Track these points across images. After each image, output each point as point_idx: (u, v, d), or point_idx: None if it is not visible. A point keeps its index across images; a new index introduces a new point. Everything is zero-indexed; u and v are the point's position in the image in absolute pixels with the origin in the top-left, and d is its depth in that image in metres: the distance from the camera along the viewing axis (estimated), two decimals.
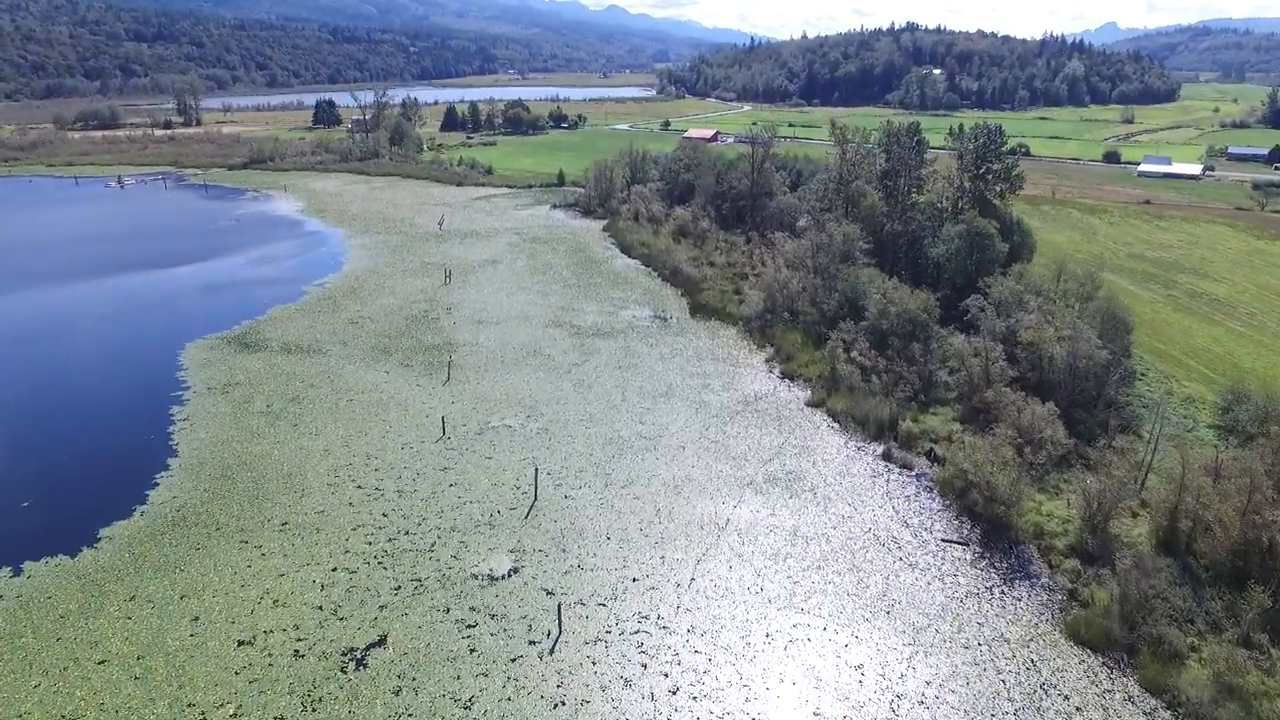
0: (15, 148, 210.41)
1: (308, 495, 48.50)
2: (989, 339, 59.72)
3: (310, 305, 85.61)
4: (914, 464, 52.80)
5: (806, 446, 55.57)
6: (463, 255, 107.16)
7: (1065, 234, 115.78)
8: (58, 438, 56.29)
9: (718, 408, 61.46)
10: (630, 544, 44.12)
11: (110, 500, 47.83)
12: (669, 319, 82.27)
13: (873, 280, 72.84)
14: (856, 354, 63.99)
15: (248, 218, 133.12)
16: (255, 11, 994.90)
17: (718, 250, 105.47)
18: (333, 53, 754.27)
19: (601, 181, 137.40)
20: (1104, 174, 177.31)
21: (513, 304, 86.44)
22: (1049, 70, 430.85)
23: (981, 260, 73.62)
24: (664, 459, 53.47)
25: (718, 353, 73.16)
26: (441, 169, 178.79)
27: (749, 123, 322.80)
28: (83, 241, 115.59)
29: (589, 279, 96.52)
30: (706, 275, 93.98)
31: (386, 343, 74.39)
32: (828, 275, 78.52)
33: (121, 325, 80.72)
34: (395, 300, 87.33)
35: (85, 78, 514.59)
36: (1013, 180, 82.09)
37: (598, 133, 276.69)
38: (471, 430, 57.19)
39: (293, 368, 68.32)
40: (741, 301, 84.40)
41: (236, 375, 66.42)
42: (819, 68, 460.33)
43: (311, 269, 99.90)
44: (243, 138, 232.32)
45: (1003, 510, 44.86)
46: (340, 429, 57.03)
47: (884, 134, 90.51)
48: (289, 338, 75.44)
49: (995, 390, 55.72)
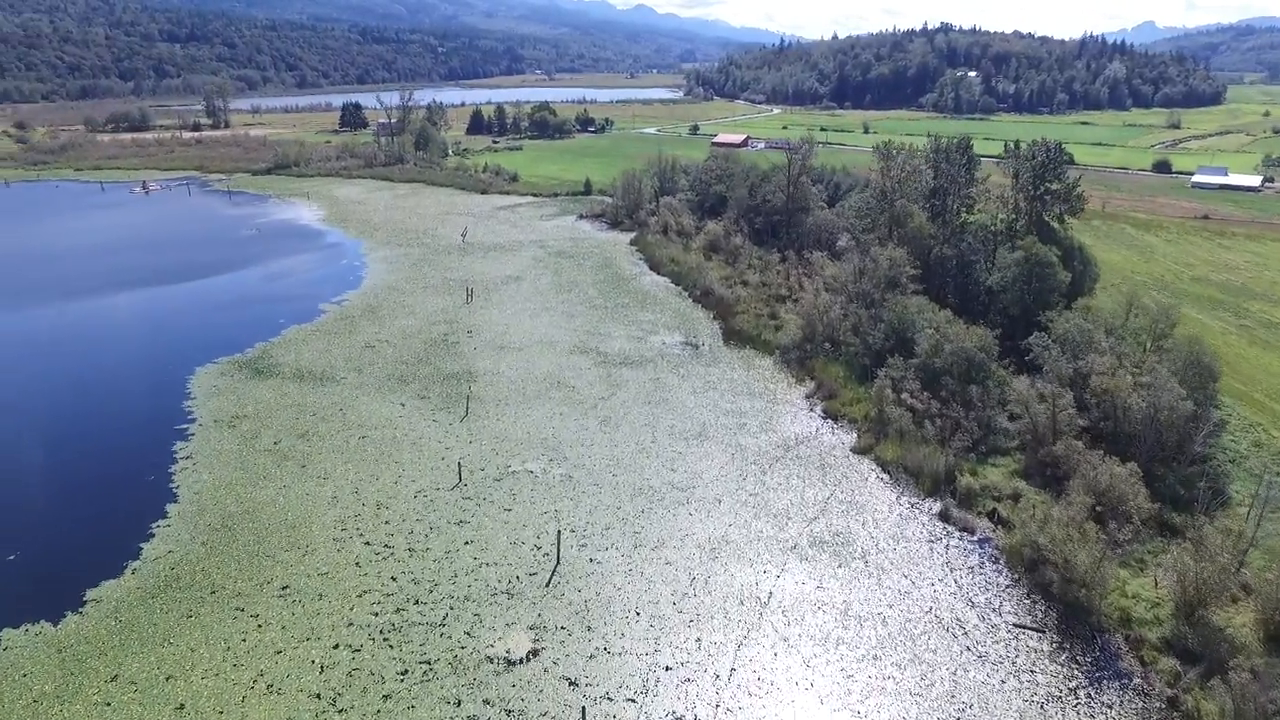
0: (46, 151, 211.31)
1: (312, 552, 44.67)
2: (1055, 383, 54.36)
3: (327, 326, 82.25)
4: (975, 526, 47.72)
5: (854, 502, 50.70)
6: (485, 270, 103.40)
7: (1120, 253, 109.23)
8: (54, 475, 53.15)
9: (755, 452, 56.77)
10: (662, 622, 39.64)
11: (102, 553, 44.42)
12: (701, 346, 77.64)
13: (922, 310, 67.60)
14: (907, 395, 58.88)
15: (269, 227, 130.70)
16: (287, 12, 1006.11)
17: (751, 269, 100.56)
18: (361, 53, 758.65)
19: (629, 192, 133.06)
20: (1155, 185, 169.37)
21: (536, 326, 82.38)
22: (1089, 72, 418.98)
23: (1041, 291, 68.08)
24: (698, 515, 48.92)
25: (754, 386, 68.41)
26: (466, 176, 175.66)
27: (779, 126, 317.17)
28: (100, 253, 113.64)
29: (616, 299, 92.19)
30: (740, 297, 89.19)
31: (403, 370, 70.65)
32: (872, 303, 73.45)
33: (131, 347, 77.90)
34: (414, 321, 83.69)
35: (119, 78, 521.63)
36: (1074, 202, 76.29)
37: (624, 137, 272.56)
38: (490, 476, 53.09)
39: (304, 398, 64.78)
40: (778, 328, 79.56)
41: (245, 406, 63.01)
42: (850, 69, 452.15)
43: (330, 284, 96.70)
44: (269, 141, 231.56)
45: (1083, 593, 39.69)
46: (350, 472, 53.24)
47: (931, 149, 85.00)
48: (303, 363, 72.03)
49: (1064, 443, 50.45)
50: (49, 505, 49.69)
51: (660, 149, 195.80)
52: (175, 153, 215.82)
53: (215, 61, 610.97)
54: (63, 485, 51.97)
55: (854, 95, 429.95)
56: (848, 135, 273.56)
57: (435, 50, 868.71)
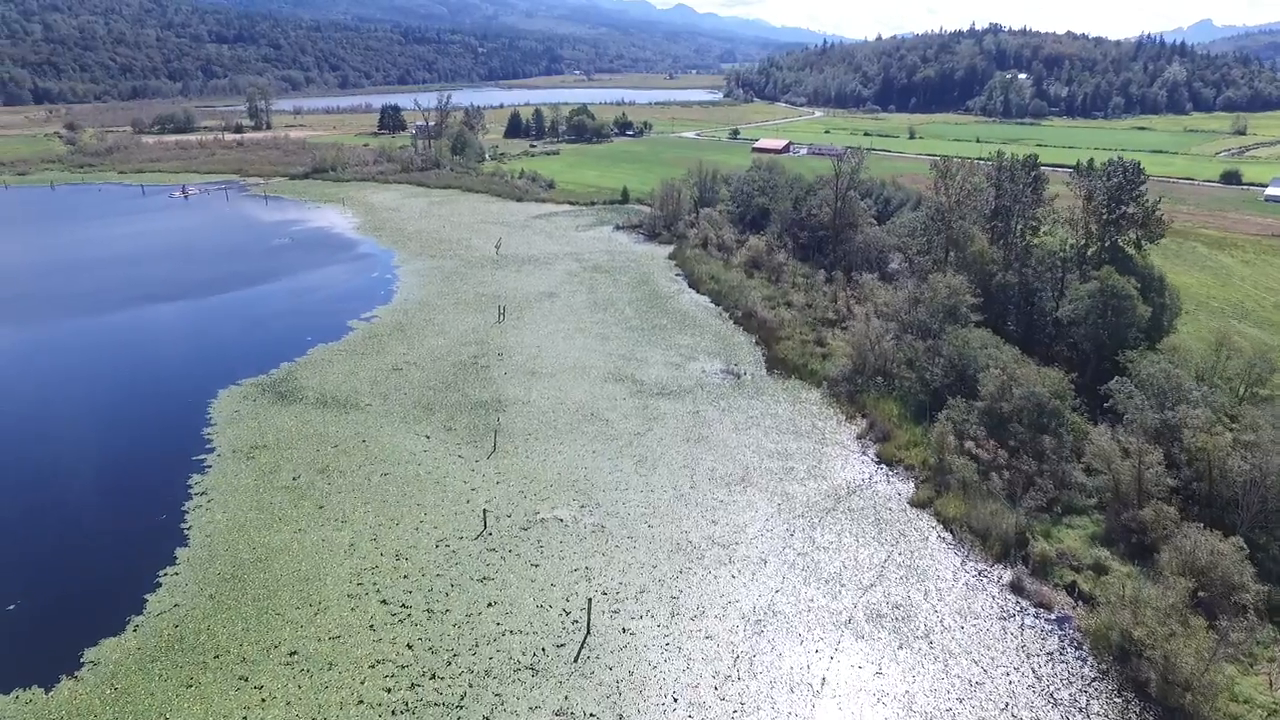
0: (92, 154, 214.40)
1: (324, 610, 41.47)
2: (1140, 437, 48.93)
3: (354, 345, 79.66)
4: (1053, 601, 42.72)
5: (914, 567, 45.99)
6: (518, 286, 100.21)
7: (1193, 275, 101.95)
8: (66, 512, 50.89)
9: (804, 503, 52.32)
10: (703, 711, 35.53)
11: (105, 604, 41.80)
12: (743, 375, 73.24)
13: (985, 345, 62.34)
14: (970, 442, 53.88)
15: (303, 235, 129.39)
16: (331, 12, 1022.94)
17: (795, 288, 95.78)
18: (403, 53, 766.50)
19: (668, 202, 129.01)
20: (1225, 198, 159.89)
21: (569, 350, 78.78)
22: (1146, 75, 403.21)
23: (1117, 326, 62.39)
24: (742, 578, 44.68)
25: (800, 423, 63.84)
26: (502, 182, 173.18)
27: (821, 130, 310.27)
28: (130, 262, 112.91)
29: (654, 319, 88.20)
30: (784, 320, 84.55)
31: (430, 397, 67.53)
32: (928, 333, 68.38)
33: (155, 367, 75.84)
34: (444, 341, 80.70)
35: (169, 79, 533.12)
36: (1152, 227, 70.18)
37: (663, 140, 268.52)
38: (517, 524, 49.49)
39: (326, 426, 61.98)
40: (825, 357, 74.85)
41: (266, 435, 60.39)
42: (895, 71, 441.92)
43: (360, 299, 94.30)
44: (308, 144, 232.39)
45: (1188, 699, 34.59)
46: (370, 515, 50.07)
47: (994, 165, 79.37)
48: (327, 387, 69.36)
49: (1154, 509, 45.11)
50: (58, 547, 47.34)
51: (700, 157, 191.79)
52: (216, 155, 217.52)
53: (261, 62, 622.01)
54: (74, 524, 49.64)
55: (898, 98, 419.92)
56: (892, 141, 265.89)
57: (475, 51, 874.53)
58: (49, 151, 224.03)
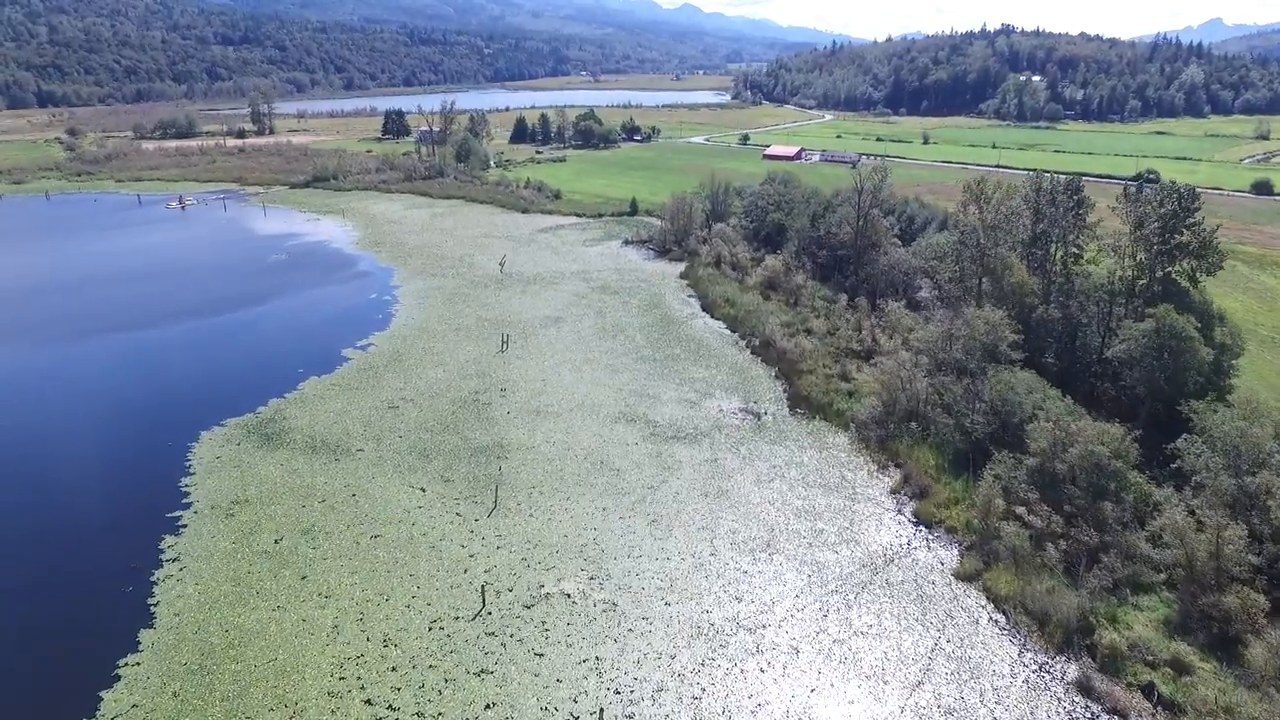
0: (91, 161, 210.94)
1: (301, 713, 36.59)
2: (1219, 509, 43.66)
3: (348, 379, 74.92)
4: (1128, 708, 37.45)
5: (966, 659, 40.83)
6: (523, 309, 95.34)
7: (1236, 299, 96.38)
8: (23, 583, 46.19)
9: (837, 574, 47.22)
10: None
11: (56, 700, 37.08)
12: (763, 415, 68.13)
13: (1031, 390, 57.11)
14: (1021, 507, 48.68)
15: (300, 250, 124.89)
16: (338, 13, 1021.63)
17: (815, 313, 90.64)
18: (409, 55, 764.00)
19: (679, 217, 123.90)
20: (1259, 210, 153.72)
21: (577, 384, 73.84)
22: (1163, 77, 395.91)
23: (1176, 369, 57.07)
24: (773, 672, 39.62)
25: (828, 474, 58.70)
26: (507, 192, 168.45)
27: (833, 135, 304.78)
28: (117, 281, 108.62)
29: (666, 348, 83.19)
30: (805, 350, 79.40)
31: (427, 441, 62.68)
32: (965, 372, 63.18)
33: (135, 403, 70.89)
34: (443, 374, 75.87)
35: (173, 81, 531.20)
36: (1210, 258, 64.77)
37: (672, 146, 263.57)
38: (519, 600, 44.54)
39: (314, 476, 57.20)
40: (851, 394, 69.70)
41: (248, 487, 55.63)
42: (906, 74, 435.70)
43: (356, 324, 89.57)
44: (310, 150, 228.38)
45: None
46: (357, 588, 45.21)
47: (1032, 188, 74.04)
48: (316, 428, 64.60)
49: (1238, 595, 39.87)
50: (10, 626, 42.65)
51: (709, 165, 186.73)
52: (217, 162, 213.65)
53: (266, 64, 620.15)
54: (31, 599, 44.96)
55: (910, 101, 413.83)
56: (906, 146, 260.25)
57: (481, 52, 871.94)
58: (47, 158, 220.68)
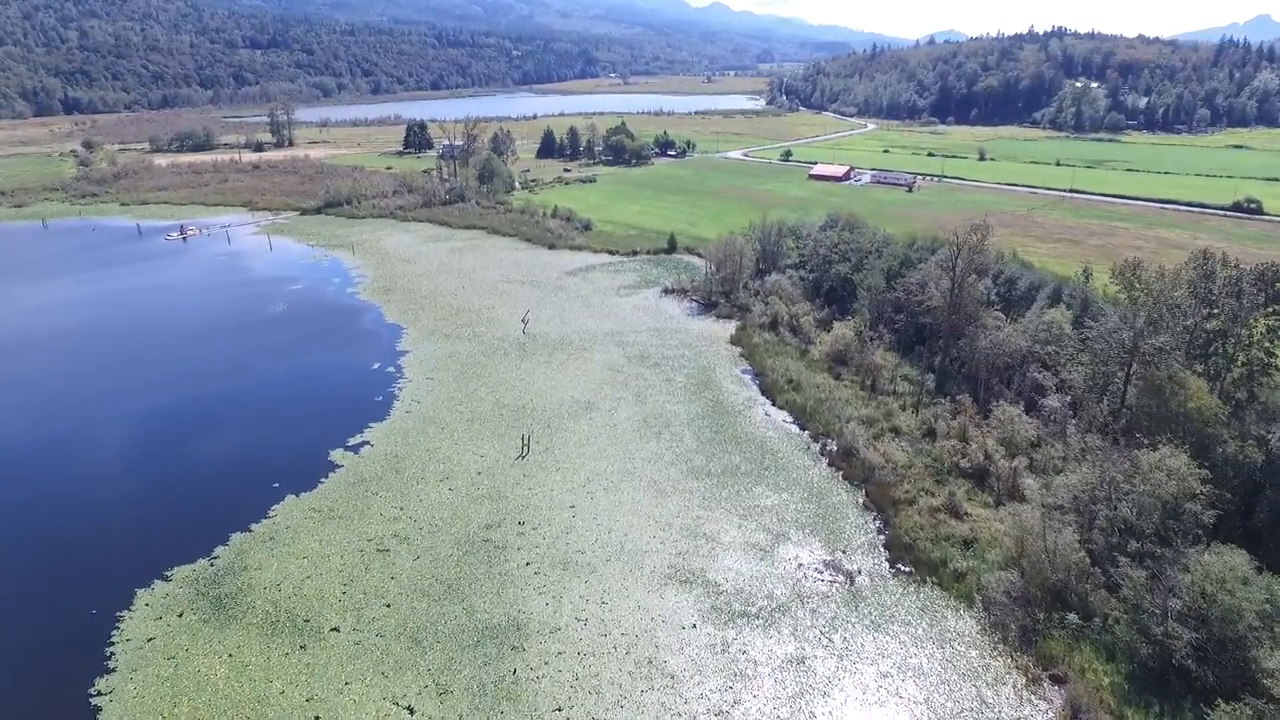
0: (97, 181, 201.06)
1: None
2: None
3: (332, 499, 60.69)
4: None
5: None
6: (548, 389, 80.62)
7: None
8: None
9: None
10: None
11: None
12: (857, 574, 52.47)
13: (1248, 583, 40.89)
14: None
15: (301, 299, 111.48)
16: (368, 14, 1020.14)
17: (899, 401, 74.73)
18: (436, 57, 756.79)
19: (727, 263, 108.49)
20: None
21: (615, 514, 58.84)
22: (1232, 83, 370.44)
23: None
24: None
25: (960, 690, 42.92)
26: (532, 222, 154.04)
27: (879, 148, 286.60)
28: (84, 339, 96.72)
29: (723, 454, 67.84)
30: (895, 462, 63.72)
31: (421, 616, 48.06)
32: (1135, 533, 47.07)
33: (53, 537, 56.56)
34: (449, 496, 61.32)
35: (200, 86, 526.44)
36: None
37: (709, 162, 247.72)
38: None
39: (269, 682, 42.86)
40: (968, 544, 53.82)
41: (179, 701, 41.46)
42: (953, 80, 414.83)
43: (352, 411, 75.38)
44: (326, 167, 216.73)
45: None
46: None
47: (1198, 275, 57.48)
48: (283, 588, 50.37)
49: None
50: None
51: (751, 187, 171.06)
52: (228, 181, 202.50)
53: (293, 68, 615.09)
54: None
55: (957, 109, 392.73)
56: (961, 163, 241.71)
57: (510, 54, 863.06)
58: (56, 177, 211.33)
